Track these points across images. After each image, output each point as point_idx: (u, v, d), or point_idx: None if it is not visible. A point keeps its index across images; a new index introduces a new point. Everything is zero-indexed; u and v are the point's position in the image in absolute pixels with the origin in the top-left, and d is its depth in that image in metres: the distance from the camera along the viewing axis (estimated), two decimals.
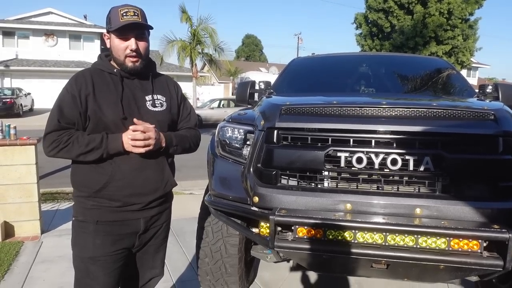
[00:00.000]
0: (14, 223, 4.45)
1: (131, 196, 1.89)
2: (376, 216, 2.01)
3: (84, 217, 1.90)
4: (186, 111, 2.14)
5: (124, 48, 1.85)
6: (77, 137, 1.80)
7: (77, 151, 1.79)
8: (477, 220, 1.94)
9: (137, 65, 1.89)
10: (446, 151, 2.03)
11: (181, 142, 2.02)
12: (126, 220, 1.92)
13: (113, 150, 1.80)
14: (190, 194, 6.93)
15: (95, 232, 1.87)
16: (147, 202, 1.94)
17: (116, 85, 1.88)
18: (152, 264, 2.14)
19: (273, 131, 2.25)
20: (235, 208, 2.38)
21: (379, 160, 2.06)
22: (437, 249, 1.89)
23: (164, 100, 2.00)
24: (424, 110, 2.16)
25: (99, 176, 1.85)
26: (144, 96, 1.94)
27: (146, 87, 1.96)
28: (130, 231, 1.94)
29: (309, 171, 2.21)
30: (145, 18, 1.89)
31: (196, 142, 2.15)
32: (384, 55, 4.42)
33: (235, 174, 2.44)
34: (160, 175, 1.96)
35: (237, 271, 2.81)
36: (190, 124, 2.15)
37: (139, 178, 1.88)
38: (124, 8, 1.83)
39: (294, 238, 2.04)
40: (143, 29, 1.89)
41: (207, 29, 22.64)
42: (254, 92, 3.73)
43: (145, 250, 2.07)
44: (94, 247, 1.88)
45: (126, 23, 1.80)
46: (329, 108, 2.26)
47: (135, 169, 1.87)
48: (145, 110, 1.91)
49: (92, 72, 1.91)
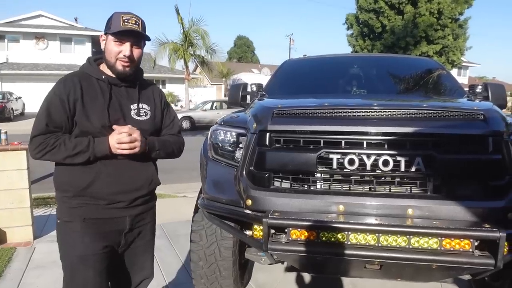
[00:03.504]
0: (6, 229, 4.41)
1: (117, 194, 1.92)
2: (368, 217, 2.02)
3: (70, 217, 1.91)
4: (169, 119, 2.17)
5: (117, 52, 1.88)
6: (64, 140, 1.82)
7: (64, 154, 1.81)
8: (468, 220, 1.96)
9: (127, 70, 1.91)
10: (437, 151, 2.05)
11: (164, 147, 2.05)
12: (113, 218, 1.95)
13: (100, 153, 1.83)
14: (183, 197, 6.92)
15: (83, 230, 1.89)
16: (132, 199, 1.97)
17: (104, 92, 1.91)
18: (141, 265, 2.15)
19: (265, 134, 2.26)
20: (229, 211, 2.38)
21: (371, 162, 2.08)
22: (429, 249, 1.91)
23: (148, 109, 2.04)
24: (414, 111, 2.18)
25: (85, 175, 1.87)
26: (130, 105, 1.97)
27: (132, 96, 2.00)
28: (116, 228, 1.97)
29: (301, 173, 2.22)
30: (144, 29, 1.93)
31: (179, 148, 2.19)
32: (375, 56, 4.45)
33: (228, 177, 2.44)
34: (145, 174, 2.01)
35: (231, 274, 2.81)
36: (173, 131, 2.18)
37: (124, 176, 1.93)
38: (127, 15, 1.88)
39: (287, 240, 2.05)
40: (140, 39, 1.93)
41: (199, 31, 22.67)
42: (247, 94, 3.74)
43: (132, 250, 2.09)
44: (83, 245, 1.89)
45: (126, 29, 1.84)
46: (321, 110, 2.27)
47: (121, 168, 1.91)
48: (130, 119, 1.95)
49: (80, 76, 1.93)
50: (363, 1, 26.39)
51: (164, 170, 9.34)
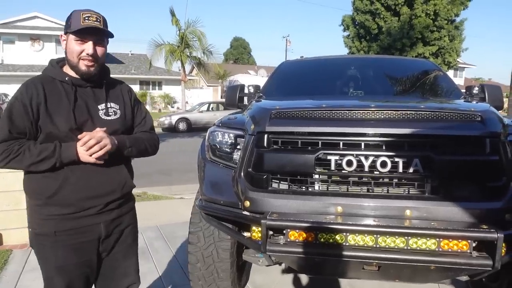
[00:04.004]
0: (2, 231, 4.38)
1: (86, 200, 1.85)
2: (367, 218, 2.02)
3: (41, 229, 1.85)
4: (140, 116, 2.11)
5: (80, 51, 1.81)
6: (29, 147, 1.75)
7: (29, 160, 1.75)
8: (466, 221, 1.96)
9: (91, 70, 1.84)
10: (435, 152, 2.05)
11: (136, 144, 1.99)
12: (85, 227, 1.87)
13: (66, 159, 1.77)
14: (180, 198, 6.91)
15: (55, 243, 1.84)
16: (104, 204, 1.90)
17: (68, 94, 1.83)
18: (124, 271, 2.08)
19: (263, 135, 2.26)
20: (226, 213, 2.37)
21: (369, 163, 2.08)
22: (427, 250, 1.91)
23: (117, 108, 1.98)
24: (412, 112, 2.18)
25: (52, 181, 1.81)
26: (97, 105, 1.90)
27: (99, 96, 1.93)
28: (91, 238, 1.90)
29: (299, 175, 2.22)
30: (106, 25, 1.86)
31: (153, 145, 2.12)
32: (372, 57, 4.47)
33: (225, 179, 2.43)
34: (117, 177, 1.94)
35: (229, 276, 2.81)
36: (146, 128, 2.12)
37: (93, 180, 1.85)
38: (87, 12, 1.80)
39: (286, 241, 2.05)
40: (102, 36, 1.87)
41: (196, 32, 22.68)
42: (244, 96, 3.73)
43: (113, 256, 2.03)
44: (57, 258, 1.85)
45: (87, 26, 1.76)
46: (319, 112, 2.27)
47: (90, 172, 1.84)
48: (98, 119, 1.88)
49: (43, 80, 1.85)
50: (359, 3, 26.47)
51: (161, 172, 9.40)
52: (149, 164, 11.22)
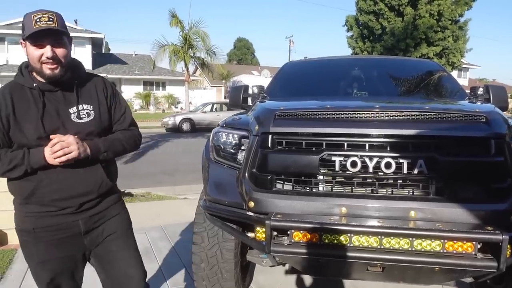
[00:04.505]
0: (7, 231, 4.40)
1: (60, 201, 1.84)
2: (371, 219, 2.02)
3: (23, 225, 1.89)
4: (119, 112, 2.04)
5: (39, 56, 1.73)
6: (0, 156, 1.76)
7: (2, 169, 1.77)
8: (471, 222, 1.95)
9: (56, 72, 1.77)
10: (439, 153, 2.05)
11: (112, 147, 1.94)
12: (63, 223, 1.88)
13: (36, 164, 1.75)
14: (184, 198, 6.92)
15: (35, 239, 1.87)
16: (79, 204, 1.88)
17: (37, 101, 1.79)
18: (125, 262, 2.05)
19: (267, 136, 2.26)
20: (231, 213, 2.38)
21: (373, 164, 2.07)
22: (432, 251, 1.91)
23: (91, 109, 1.91)
24: (417, 113, 2.18)
25: (25, 183, 1.81)
26: (68, 109, 1.85)
27: (69, 99, 1.87)
28: (71, 233, 1.90)
29: (304, 176, 2.22)
30: (62, 23, 1.76)
31: (133, 142, 2.08)
32: (376, 58, 4.46)
33: (230, 179, 2.44)
34: (92, 178, 1.90)
35: (233, 276, 2.81)
36: (125, 125, 2.06)
37: (66, 182, 1.83)
38: (37, 14, 1.70)
39: (290, 242, 2.05)
40: (59, 35, 1.77)
41: (199, 32, 22.73)
42: (248, 96, 3.74)
43: (107, 249, 2.01)
44: (39, 252, 1.88)
45: (39, 29, 1.67)
46: (323, 113, 2.28)
47: (63, 175, 1.82)
48: (71, 123, 1.83)
49: (12, 88, 1.82)
50: (362, 3, 26.45)
51: (165, 172, 9.44)
52: (153, 164, 11.33)
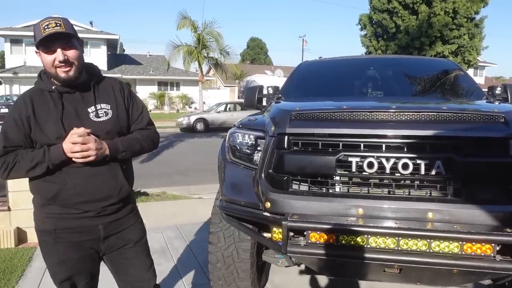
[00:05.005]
0: (27, 229, 4.50)
1: (83, 204, 1.89)
2: (388, 220, 2.01)
3: (43, 226, 1.94)
4: (136, 112, 2.10)
5: (52, 61, 1.81)
6: (22, 155, 1.83)
7: (25, 168, 1.82)
8: (490, 224, 1.93)
9: (70, 75, 1.84)
10: (457, 154, 2.03)
11: (130, 147, 1.99)
12: (84, 227, 1.93)
13: (56, 159, 1.81)
14: (199, 198, 6.97)
15: (55, 240, 1.92)
16: (100, 208, 1.93)
17: (56, 103, 1.87)
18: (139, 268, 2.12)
19: (283, 137, 2.27)
20: (247, 214, 2.39)
21: (390, 165, 2.06)
22: (450, 253, 1.89)
23: (109, 108, 1.97)
24: (434, 114, 2.17)
25: (50, 185, 1.87)
26: (87, 109, 1.92)
27: (87, 99, 1.93)
28: (89, 237, 1.96)
29: (320, 176, 2.22)
30: (70, 27, 1.83)
31: (151, 142, 2.13)
32: (391, 57, 4.43)
33: (246, 180, 2.45)
34: (113, 182, 1.96)
35: (249, 276, 2.83)
36: (142, 124, 2.11)
37: (89, 185, 1.89)
38: (45, 21, 1.79)
39: (306, 243, 2.05)
40: (68, 38, 1.83)
41: (213, 33, 22.80)
42: (262, 97, 3.74)
43: (122, 255, 2.08)
44: (58, 253, 1.93)
45: (48, 34, 1.75)
46: (339, 113, 2.27)
47: (86, 177, 1.88)
48: (90, 122, 1.89)
49: (32, 93, 1.91)
50: (376, 1, 26.22)
51: (180, 172, 9.50)
52: (168, 164, 11.41)
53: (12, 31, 30.55)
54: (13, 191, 4.43)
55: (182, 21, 21.45)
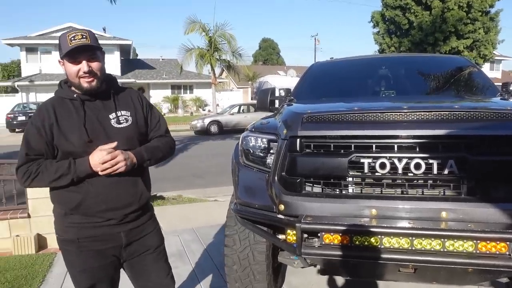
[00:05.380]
0: (47, 235, 4.61)
1: (106, 212, 1.94)
2: (401, 220, 2.02)
3: (65, 235, 1.98)
4: (155, 120, 2.17)
5: (76, 71, 1.87)
6: (46, 166, 1.87)
7: (48, 178, 1.87)
8: (504, 222, 1.92)
9: (93, 85, 1.91)
10: (470, 153, 2.03)
11: (153, 155, 2.06)
12: (106, 235, 1.98)
13: (82, 173, 1.86)
14: (214, 201, 7.02)
15: (78, 249, 1.96)
16: (122, 216, 1.99)
17: (78, 110, 1.92)
18: (157, 274, 2.17)
19: (295, 140, 2.29)
20: (261, 216, 2.42)
21: (403, 165, 2.07)
22: (464, 252, 1.89)
23: (129, 115, 2.04)
24: (445, 113, 2.16)
25: (73, 195, 1.91)
26: (108, 115, 1.98)
27: (109, 106, 2.00)
28: (112, 245, 2.01)
29: (333, 178, 2.24)
30: (94, 39, 1.91)
31: (169, 148, 2.19)
32: (403, 56, 4.41)
33: (259, 183, 2.48)
34: (134, 189, 2.02)
35: (265, 278, 2.85)
36: (161, 132, 2.18)
37: (112, 193, 1.94)
38: (72, 33, 1.86)
39: (320, 244, 2.07)
40: (93, 50, 1.91)
41: (225, 35, 22.92)
42: (275, 99, 3.77)
43: (142, 262, 2.13)
44: (81, 261, 1.97)
45: (75, 46, 1.82)
46: (351, 115, 2.29)
47: (108, 185, 1.93)
48: (111, 128, 1.95)
49: (54, 101, 1.96)
50: None
51: (196, 175, 9.55)
52: (184, 167, 11.50)
53: (27, 39, 31.15)
54: (32, 198, 4.54)
55: (191, 25, 21.62)
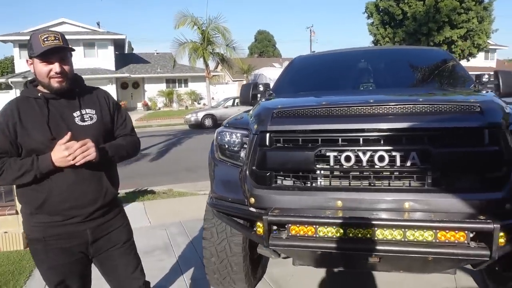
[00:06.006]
0: None
1: (70, 210, 1.97)
2: (366, 211, 2.08)
3: (32, 235, 2.02)
4: (121, 119, 2.20)
5: (48, 71, 1.90)
6: (10, 163, 1.89)
7: (12, 175, 1.89)
8: (465, 212, 1.98)
9: (63, 85, 1.94)
10: (433, 145, 2.08)
11: (117, 152, 2.09)
12: (71, 232, 2.01)
13: (45, 169, 1.88)
14: (204, 194, 7.06)
15: (45, 247, 1.99)
16: (88, 213, 2.01)
17: (42, 109, 1.95)
18: (125, 269, 2.20)
19: (265, 135, 2.34)
20: (235, 210, 2.49)
21: (367, 158, 2.12)
22: (424, 241, 1.96)
23: (93, 113, 2.06)
24: (409, 106, 2.21)
25: (37, 194, 1.94)
26: (72, 113, 2.00)
27: (73, 104, 2.02)
28: (77, 242, 2.03)
29: (301, 171, 2.30)
30: (65, 41, 1.94)
31: (134, 147, 2.23)
32: (384, 49, 4.44)
33: (233, 177, 2.54)
34: (98, 187, 2.04)
35: (242, 269, 2.93)
36: (126, 130, 2.21)
37: (76, 191, 1.96)
38: (44, 34, 1.89)
39: (287, 236, 2.14)
40: (65, 52, 1.95)
41: (219, 28, 22.85)
42: (257, 93, 3.80)
43: (110, 257, 2.15)
44: (49, 259, 2.01)
45: (49, 47, 1.86)
46: (318, 109, 2.34)
47: (72, 184, 1.95)
48: (75, 126, 1.97)
49: (18, 101, 1.99)
50: None
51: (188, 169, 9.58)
52: (177, 161, 11.52)
53: (20, 36, 30.86)
54: None
55: (182, 19, 21.54)
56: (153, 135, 18.01)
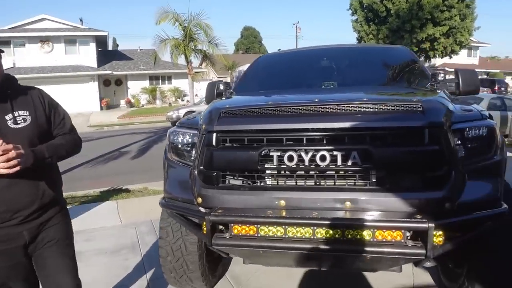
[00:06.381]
0: None
1: (5, 213, 1.93)
2: (308, 211, 2.09)
3: None
4: (58, 118, 2.16)
5: None
6: None
7: None
8: (405, 211, 2.01)
9: None
10: (373, 145, 2.10)
11: (56, 152, 2.05)
12: (7, 235, 1.96)
13: None
14: None
15: None
16: (24, 216, 1.97)
17: None
18: (57, 268, 2.14)
19: (212, 134, 2.35)
20: (184, 209, 2.50)
21: (309, 157, 2.13)
22: (362, 240, 1.98)
23: (27, 115, 2.01)
24: (353, 106, 2.22)
25: None
26: (4, 116, 1.95)
27: (4, 107, 1.98)
28: (15, 245, 1.99)
29: (246, 171, 2.30)
30: None
31: (74, 145, 2.20)
32: (346, 47, 4.44)
33: (184, 177, 2.54)
34: (32, 190, 1.99)
35: (198, 267, 2.93)
36: (65, 129, 2.18)
37: (8, 195, 1.92)
38: None
39: (230, 236, 2.15)
40: None
41: (201, 24, 22.71)
42: (222, 92, 3.79)
43: (44, 255, 2.10)
44: None
45: None
46: (263, 109, 2.34)
47: (4, 187, 1.90)
48: (8, 129, 1.93)
49: None
50: None
51: None
52: (157, 159, 11.33)
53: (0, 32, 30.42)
54: None
55: (163, 15, 21.39)
56: (134, 133, 17.89)
